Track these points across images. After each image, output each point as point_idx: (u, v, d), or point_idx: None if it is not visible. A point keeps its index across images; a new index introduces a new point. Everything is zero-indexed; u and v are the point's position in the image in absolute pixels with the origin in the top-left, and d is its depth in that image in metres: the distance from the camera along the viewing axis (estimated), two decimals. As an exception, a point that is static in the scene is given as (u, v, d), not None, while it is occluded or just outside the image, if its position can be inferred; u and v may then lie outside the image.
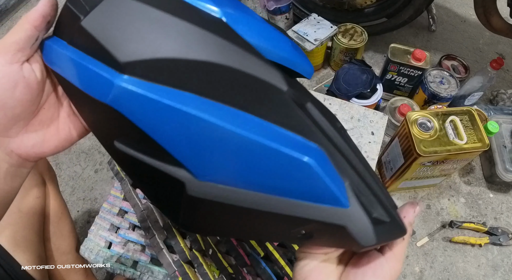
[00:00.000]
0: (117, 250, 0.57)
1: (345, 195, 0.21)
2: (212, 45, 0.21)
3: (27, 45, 0.24)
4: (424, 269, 0.89)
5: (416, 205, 0.27)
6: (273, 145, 0.20)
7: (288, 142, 0.20)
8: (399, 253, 0.26)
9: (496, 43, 1.33)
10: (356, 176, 0.22)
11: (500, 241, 0.90)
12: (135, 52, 0.21)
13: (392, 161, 0.91)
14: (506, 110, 1.03)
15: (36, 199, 0.60)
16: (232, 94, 0.22)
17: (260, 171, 0.21)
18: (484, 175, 1.03)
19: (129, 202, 0.59)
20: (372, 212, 0.22)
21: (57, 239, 0.64)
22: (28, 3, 1.58)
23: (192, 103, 0.20)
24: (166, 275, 0.54)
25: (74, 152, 1.13)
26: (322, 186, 0.20)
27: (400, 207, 0.27)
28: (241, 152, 0.20)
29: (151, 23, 0.21)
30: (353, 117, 0.71)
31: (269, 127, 0.21)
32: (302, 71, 0.28)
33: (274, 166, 0.21)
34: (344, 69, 1.03)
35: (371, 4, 1.20)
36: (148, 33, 0.21)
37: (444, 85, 1.01)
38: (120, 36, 0.22)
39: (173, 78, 0.21)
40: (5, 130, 0.24)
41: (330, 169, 0.21)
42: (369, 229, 0.22)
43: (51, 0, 0.25)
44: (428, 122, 0.79)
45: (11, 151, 0.25)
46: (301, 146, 0.21)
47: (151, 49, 0.21)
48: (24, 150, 0.26)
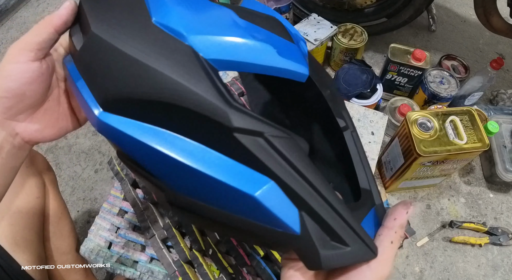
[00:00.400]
0: (117, 250, 0.57)
1: (297, 223, 0.23)
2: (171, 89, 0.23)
3: (48, 45, 0.28)
4: (424, 269, 0.89)
5: (409, 205, 0.25)
6: (227, 180, 0.23)
7: (240, 176, 0.23)
8: (384, 258, 0.24)
9: (496, 43, 1.33)
10: (320, 204, 0.24)
11: (500, 241, 0.90)
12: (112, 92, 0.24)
13: (392, 161, 0.91)
14: (506, 110, 1.03)
15: (36, 199, 0.60)
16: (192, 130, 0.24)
17: (218, 197, 0.24)
18: (484, 175, 1.03)
19: (129, 202, 0.59)
20: (326, 239, 0.24)
21: (57, 239, 0.64)
22: (28, 3, 1.58)
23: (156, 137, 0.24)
24: (166, 275, 0.54)
25: (74, 152, 1.13)
26: (271, 215, 0.23)
27: (392, 207, 0.26)
28: (200, 181, 0.24)
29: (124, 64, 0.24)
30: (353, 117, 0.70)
31: (225, 161, 0.24)
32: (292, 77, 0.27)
33: (230, 196, 0.23)
34: (344, 69, 1.03)
35: (371, 4, 1.20)
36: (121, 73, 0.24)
37: (444, 85, 1.01)
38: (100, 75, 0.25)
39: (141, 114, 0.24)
40: (16, 115, 0.28)
41: (282, 200, 0.23)
42: (317, 255, 0.23)
43: (72, 7, 0.28)
44: (428, 122, 0.79)
45: (16, 133, 0.29)
46: (252, 180, 0.23)
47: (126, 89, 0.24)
48: (27, 134, 0.29)
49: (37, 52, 0.27)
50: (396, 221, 0.25)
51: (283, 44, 0.27)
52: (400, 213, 0.25)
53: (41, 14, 1.53)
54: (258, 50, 0.25)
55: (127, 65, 0.23)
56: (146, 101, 0.23)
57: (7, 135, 0.28)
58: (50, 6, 1.57)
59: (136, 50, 0.23)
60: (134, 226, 0.59)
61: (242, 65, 0.25)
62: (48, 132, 0.31)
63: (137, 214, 0.57)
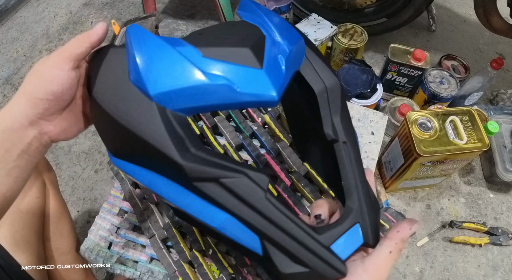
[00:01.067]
0: (117, 250, 0.57)
1: (258, 247, 0.27)
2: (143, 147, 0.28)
3: (83, 57, 0.32)
4: (424, 269, 0.89)
5: (413, 222, 0.27)
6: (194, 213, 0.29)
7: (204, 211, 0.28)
8: (381, 264, 0.26)
9: (496, 43, 1.33)
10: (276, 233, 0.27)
11: (500, 241, 0.90)
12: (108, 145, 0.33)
13: (392, 161, 0.91)
14: (506, 110, 1.03)
15: (36, 199, 0.60)
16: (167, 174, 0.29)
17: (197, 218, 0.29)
18: (484, 175, 1.03)
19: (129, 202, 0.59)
20: (287, 261, 0.27)
21: (57, 239, 0.64)
22: (28, 3, 1.58)
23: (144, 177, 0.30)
24: (166, 275, 0.54)
25: (74, 152, 1.13)
26: (234, 240, 0.28)
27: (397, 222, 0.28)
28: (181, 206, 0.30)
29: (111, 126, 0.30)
30: (353, 117, 0.70)
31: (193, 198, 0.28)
32: (259, 106, 0.29)
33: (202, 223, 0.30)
34: (344, 69, 1.03)
35: (371, 4, 1.20)
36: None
37: (444, 85, 1.01)
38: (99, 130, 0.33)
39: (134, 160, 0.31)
40: (49, 115, 0.32)
41: (241, 229, 0.27)
42: (278, 274, 0.27)
43: (105, 27, 0.33)
44: (428, 122, 0.79)
45: (45, 132, 0.32)
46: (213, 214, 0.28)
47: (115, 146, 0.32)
48: (54, 133, 0.33)
49: (75, 62, 0.31)
50: (398, 234, 0.26)
51: (245, 76, 0.28)
52: (404, 227, 0.27)
53: (41, 14, 1.53)
54: (216, 91, 0.27)
55: (113, 127, 0.29)
56: (132, 154, 0.30)
57: (37, 134, 0.31)
58: (50, 6, 1.57)
59: (118, 114, 0.29)
60: (134, 226, 0.59)
61: (205, 108, 0.28)
62: (70, 132, 0.35)
63: (137, 214, 0.57)
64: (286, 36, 0.33)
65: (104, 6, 1.55)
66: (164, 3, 1.54)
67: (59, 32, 1.47)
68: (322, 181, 0.55)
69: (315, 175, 0.57)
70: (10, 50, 1.41)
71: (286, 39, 0.32)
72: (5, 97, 1.28)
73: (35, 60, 1.37)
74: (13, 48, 1.42)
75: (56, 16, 1.53)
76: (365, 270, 0.25)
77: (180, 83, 0.27)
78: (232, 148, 0.60)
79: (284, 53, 0.31)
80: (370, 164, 0.64)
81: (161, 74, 0.28)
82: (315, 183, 0.58)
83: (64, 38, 1.44)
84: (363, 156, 0.65)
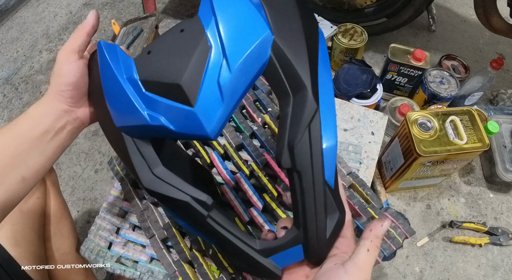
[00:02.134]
0: (117, 250, 0.57)
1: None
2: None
3: (84, 46, 0.37)
4: (424, 269, 0.89)
5: (385, 219, 0.29)
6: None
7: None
8: (361, 263, 0.27)
9: (496, 43, 1.33)
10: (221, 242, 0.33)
11: (500, 241, 0.90)
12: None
13: (392, 161, 0.91)
14: (506, 110, 1.03)
15: (36, 199, 0.60)
16: None
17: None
18: (484, 175, 1.03)
19: (129, 202, 0.59)
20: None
21: (57, 239, 0.64)
22: (28, 3, 1.58)
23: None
24: (166, 275, 0.54)
25: (74, 152, 1.13)
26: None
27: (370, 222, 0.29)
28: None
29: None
30: (353, 117, 0.70)
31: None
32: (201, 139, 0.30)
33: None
34: (344, 69, 1.03)
35: (371, 4, 1.20)
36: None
37: (444, 85, 1.01)
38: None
39: None
40: (76, 103, 0.38)
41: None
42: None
43: (96, 15, 0.37)
44: (428, 122, 0.79)
45: (77, 117, 0.39)
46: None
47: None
48: (85, 116, 0.39)
49: (79, 52, 0.36)
50: (372, 232, 0.28)
51: (179, 115, 0.29)
52: (375, 225, 0.28)
53: (41, 14, 1.53)
54: (158, 129, 0.30)
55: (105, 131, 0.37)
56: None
57: (71, 119, 0.38)
58: (50, 6, 1.57)
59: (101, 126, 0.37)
60: (134, 226, 0.59)
61: (160, 137, 0.33)
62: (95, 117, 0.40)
63: (137, 214, 0.57)
64: (238, 38, 0.28)
65: (104, 6, 1.55)
66: (164, 3, 1.54)
67: (59, 32, 1.47)
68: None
69: None
70: (10, 50, 1.41)
71: (235, 45, 0.28)
72: (5, 97, 1.28)
73: (35, 60, 1.37)
74: (13, 48, 1.42)
75: (56, 16, 1.53)
76: (347, 272, 0.27)
77: (129, 121, 0.31)
78: (232, 147, 0.60)
79: (225, 76, 0.28)
80: (370, 164, 0.64)
81: (116, 110, 0.32)
82: None
83: (64, 38, 1.44)
84: (363, 156, 0.65)
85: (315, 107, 0.29)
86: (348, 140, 0.67)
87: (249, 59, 0.28)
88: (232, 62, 0.28)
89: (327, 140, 0.30)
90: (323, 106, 0.29)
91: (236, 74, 0.28)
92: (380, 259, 0.50)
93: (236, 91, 0.28)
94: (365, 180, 0.60)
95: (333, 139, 0.30)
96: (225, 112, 0.28)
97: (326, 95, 0.30)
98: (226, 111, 0.28)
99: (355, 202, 0.54)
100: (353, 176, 0.57)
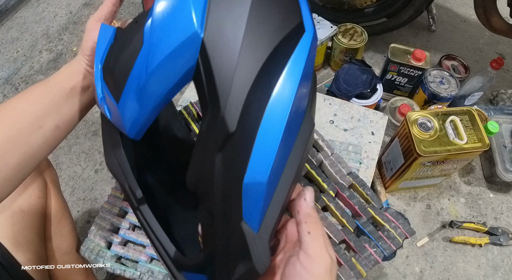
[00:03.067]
0: (117, 250, 0.57)
1: None
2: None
3: (111, 15, 0.41)
4: (424, 269, 0.89)
5: (301, 192, 0.26)
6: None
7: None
8: (311, 249, 0.24)
9: (496, 43, 1.33)
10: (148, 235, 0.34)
11: (500, 241, 0.90)
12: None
13: (392, 161, 0.91)
14: (506, 110, 1.03)
15: (37, 199, 0.60)
16: None
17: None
18: (484, 175, 1.03)
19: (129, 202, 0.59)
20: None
21: (58, 239, 0.64)
22: (28, 3, 1.58)
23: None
24: (166, 275, 0.54)
25: (74, 152, 1.13)
26: None
27: (294, 203, 0.27)
28: None
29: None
30: (353, 117, 0.71)
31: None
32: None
33: None
34: (344, 69, 1.03)
35: (371, 4, 1.20)
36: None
37: (444, 85, 1.01)
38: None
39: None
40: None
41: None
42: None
43: None
44: (428, 122, 0.79)
45: None
46: None
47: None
48: None
49: (105, 21, 0.40)
50: (300, 213, 0.26)
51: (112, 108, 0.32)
52: (299, 205, 0.26)
53: (41, 14, 1.53)
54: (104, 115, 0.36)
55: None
56: None
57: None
58: (50, 6, 1.57)
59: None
60: (134, 226, 0.59)
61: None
62: None
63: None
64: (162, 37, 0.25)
65: (104, 6, 1.55)
66: (164, 3, 1.53)
67: (59, 32, 1.47)
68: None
69: (315, 175, 0.57)
70: (10, 50, 1.41)
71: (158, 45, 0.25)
72: (5, 97, 1.28)
73: (35, 60, 1.37)
74: (13, 48, 1.42)
75: (56, 16, 1.53)
76: (303, 266, 0.25)
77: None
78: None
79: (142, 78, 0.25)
80: (370, 164, 0.64)
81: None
82: (315, 183, 0.58)
83: (64, 38, 1.44)
84: (363, 156, 0.65)
85: (227, 131, 0.23)
86: (348, 140, 0.67)
87: (168, 63, 0.24)
88: (150, 64, 0.25)
89: (253, 174, 0.24)
90: (264, 133, 0.23)
91: (152, 78, 0.25)
92: (380, 259, 0.50)
93: (153, 95, 0.26)
94: (365, 180, 0.60)
95: (262, 174, 0.24)
96: (142, 115, 0.27)
97: (275, 119, 0.23)
98: (142, 115, 0.27)
99: (355, 202, 0.54)
100: (353, 176, 0.57)
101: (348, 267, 0.49)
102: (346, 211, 0.55)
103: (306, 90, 0.26)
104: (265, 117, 0.23)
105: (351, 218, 0.54)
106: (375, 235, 0.51)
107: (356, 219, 0.54)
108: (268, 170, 0.23)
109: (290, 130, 0.24)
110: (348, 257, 0.51)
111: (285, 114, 0.23)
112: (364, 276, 0.49)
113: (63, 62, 1.36)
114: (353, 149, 0.64)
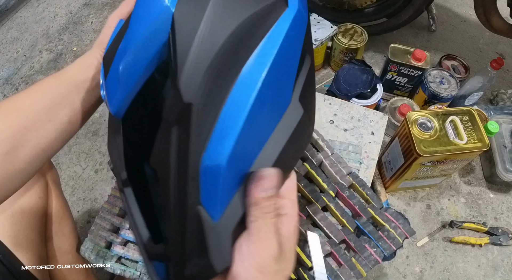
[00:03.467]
0: (117, 250, 0.57)
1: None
2: None
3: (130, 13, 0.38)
4: (424, 269, 0.89)
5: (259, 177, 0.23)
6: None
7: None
8: (257, 232, 0.23)
9: (496, 43, 1.33)
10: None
11: (500, 241, 0.90)
12: None
13: (392, 161, 0.91)
14: (506, 110, 1.03)
15: (38, 199, 0.60)
16: None
17: None
18: (484, 175, 1.03)
19: (129, 202, 0.59)
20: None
21: (59, 239, 0.64)
22: (28, 3, 1.58)
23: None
24: (166, 275, 0.54)
25: (74, 152, 1.13)
26: None
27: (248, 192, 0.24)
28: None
29: None
30: (353, 117, 0.71)
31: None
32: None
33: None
34: (344, 69, 1.03)
35: (371, 4, 1.20)
36: None
37: (444, 85, 1.01)
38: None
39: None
40: None
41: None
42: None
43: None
44: (428, 122, 0.79)
45: None
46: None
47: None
48: None
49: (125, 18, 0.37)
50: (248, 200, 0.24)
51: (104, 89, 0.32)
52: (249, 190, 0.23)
53: (41, 14, 1.53)
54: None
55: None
56: None
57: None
58: (50, 6, 1.57)
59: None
60: (135, 226, 0.59)
61: None
62: None
63: (138, 214, 0.57)
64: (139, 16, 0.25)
65: (104, 6, 1.55)
66: (164, 3, 1.53)
67: (59, 32, 1.47)
68: None
69: (315, 175, 0.57)
70: (10, 50, 1.41)
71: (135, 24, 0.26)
72: (5, 97, 1.28)
73: (35, 60, 1.37)
74: (13, 48, 1.42)
75: (56, 16, 1.53)
76: (250, 252, 0.23)
77: None
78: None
79: (121, 56, 0.26)
80: (370, 164, 0.64)
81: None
82: (315, 183, 0.58)
83: (64, 38, 1.44)
84: (363, 156, 0.65)
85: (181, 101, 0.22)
86: (348, 140, 0.67)
87: (143, 39, 0.24)
88: (128, 41, 0.26)
89: (213, 155, 0.22)
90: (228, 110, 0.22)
91: (128, 53, 0.25)
92: (380, 259, 0.50)
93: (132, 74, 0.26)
94: (365, 180, 0.60)
95: (222, 156, 0.22)
96: (122, 94, 0.27)
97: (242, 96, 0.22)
98: (123, 93, 0.27)
99: (355, 202, 0.54)
100: (353, 176, 0.57)
101: (348, 267, 0.50)
102: (346, 211, 0.55)
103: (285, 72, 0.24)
104: (231, 94, 0.22)
105: (351, 218, 0.54)
106: (375, 235, 0.51)
107: (356, 219, 0.54)
108: (227, 152, 0.22)
109: (261, 111, 0.23)
110: (348, 257, 0.51)
111: (252, 92, 0.22)
112: (364, 276, 0.49)
113: (63, 62, 1.36)
114: (353, 149, 0.64)
